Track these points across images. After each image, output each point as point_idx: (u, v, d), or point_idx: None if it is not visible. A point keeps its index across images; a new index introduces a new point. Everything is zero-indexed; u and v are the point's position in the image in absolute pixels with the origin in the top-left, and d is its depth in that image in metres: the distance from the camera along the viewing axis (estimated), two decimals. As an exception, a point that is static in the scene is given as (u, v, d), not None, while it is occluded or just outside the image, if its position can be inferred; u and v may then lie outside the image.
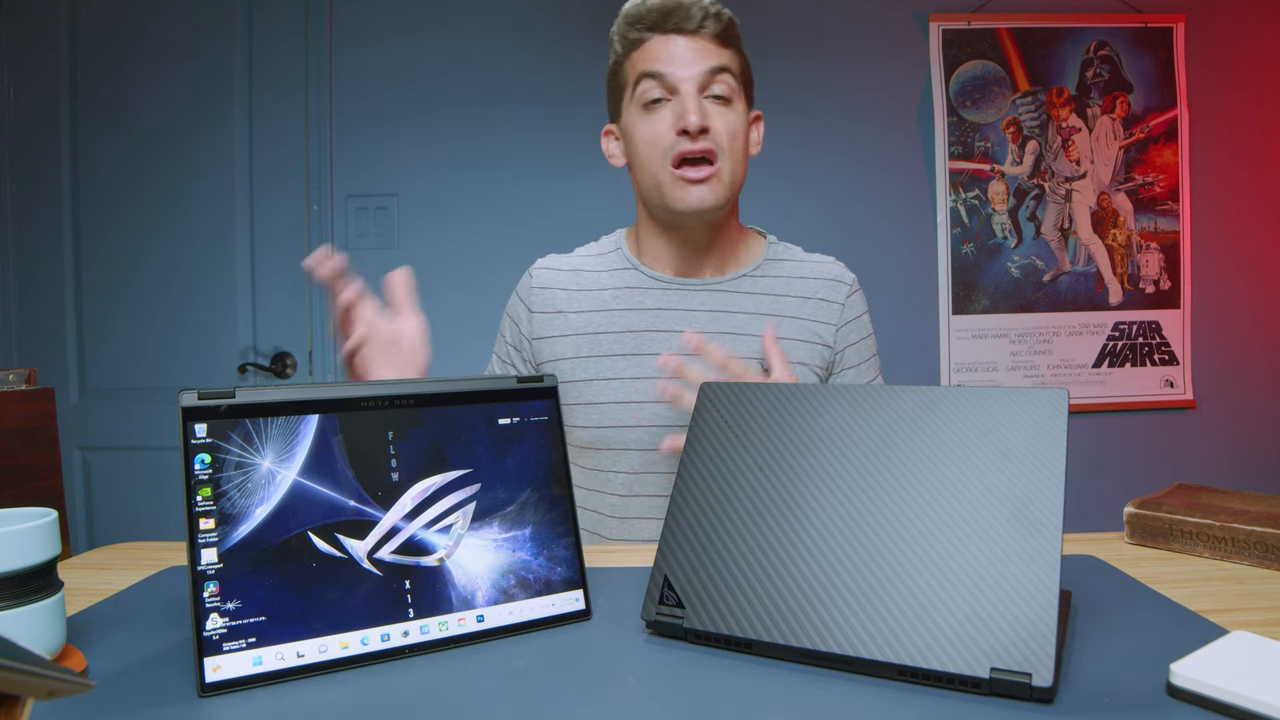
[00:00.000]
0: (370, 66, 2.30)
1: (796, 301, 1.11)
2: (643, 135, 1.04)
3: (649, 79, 1.02)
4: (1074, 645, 0.63)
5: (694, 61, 1.02)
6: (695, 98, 1.01)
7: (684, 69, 1.01)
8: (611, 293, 1.12)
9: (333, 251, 0.88)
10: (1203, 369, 2.34)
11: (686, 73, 1.01)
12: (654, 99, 1.03)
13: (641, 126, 1.04)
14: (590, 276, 1.15)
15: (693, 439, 0.73)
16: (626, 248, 1.17)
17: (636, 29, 1.04)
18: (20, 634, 0.56)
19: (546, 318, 1.12)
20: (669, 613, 0.66)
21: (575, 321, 1.11)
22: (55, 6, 2.29)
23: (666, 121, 1.02)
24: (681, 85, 1.01)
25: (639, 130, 1.05)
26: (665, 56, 1.02)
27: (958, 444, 0.63)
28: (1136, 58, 2.31)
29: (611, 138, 1.14)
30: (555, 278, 1.15)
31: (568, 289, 1.14)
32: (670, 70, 1.01)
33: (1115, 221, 2.32)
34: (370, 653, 0.63)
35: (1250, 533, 0.84)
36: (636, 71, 1.04)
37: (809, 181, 2.31)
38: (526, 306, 1.14)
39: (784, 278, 1.13)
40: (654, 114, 1.03)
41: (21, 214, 2.32)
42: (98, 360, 2.32)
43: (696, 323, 1.09)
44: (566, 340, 1.10)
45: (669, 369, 0.93)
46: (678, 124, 1.01)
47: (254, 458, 0.62)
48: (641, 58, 1.04)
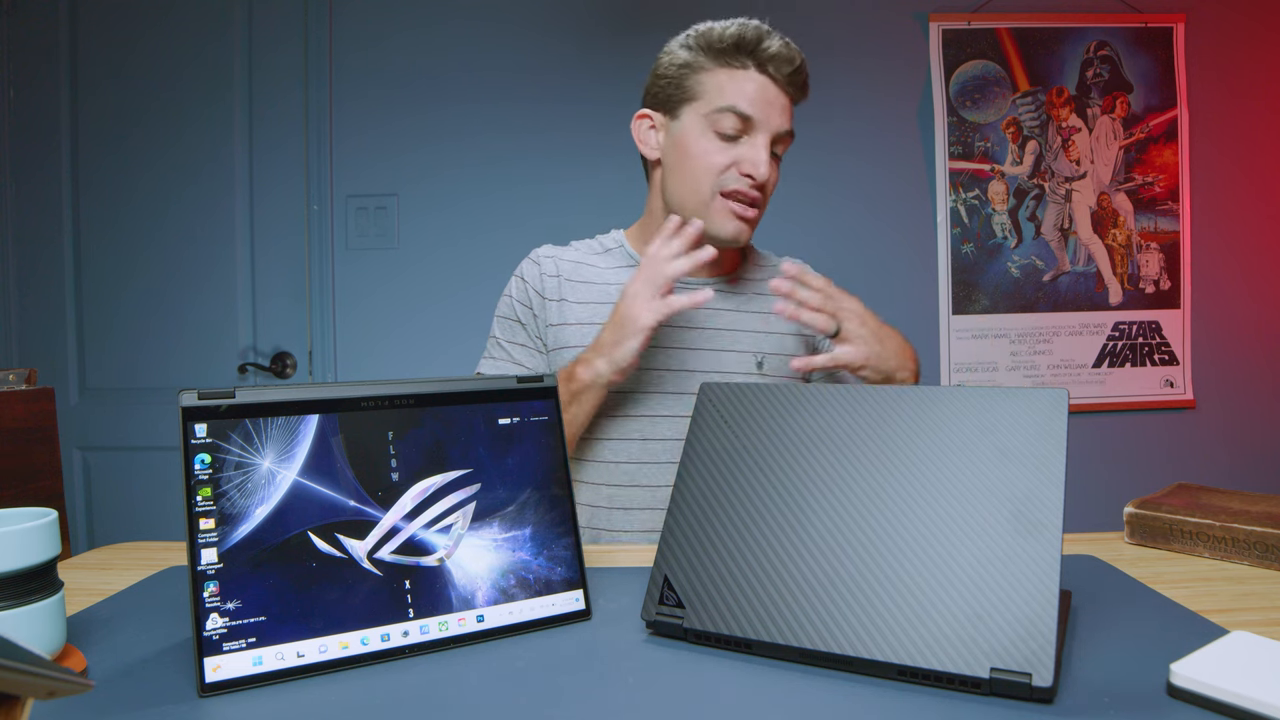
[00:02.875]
0: (370, 66, 2.30)
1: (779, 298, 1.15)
2: (707, 157, 1.06)
3: (735, 115, 1.04)
4: (1074, 645, 0.63)
5: (779, 117, 1.05)
6: (768, 149, 1.05)
7: (772, 120, 1.05)
8: (616, 288, 1.13)
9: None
10: (1203, 369, 2.34)
11: (771, 124, 1.05)
12: (731, 134, 1.05)
13: (707, 147, 1.06)
14: (593, 270, 1.16)
15: (693, 439, 0.73)
16: (629, 246, 1.19)
17: (741, 54, 1.04)
18: (20, 634, 0.56)
19: (554, 305, 1.14)
20: (669, 613, 0.66)
21: (579, 311, 1.12)
22: (55, 6, 2.29)
23: (733, 155, 1.05)
24: (760, 134, 1.05)
25: (703, 149, 1.06)
26: (761, 101, 1.04)
27: (958, 444, 0.63)
28: (1136, 58, 2.31)
29: (647, 124, 1.13)
30: (560, 267, 1.16)
31: (572, 280, 1.15)
32: (761, 117, 1.04)
33: (1115, 221, 2.32)
34: (370, 653, 0.63)
35: (1250, 533, 0.84)
36: (725, 98, 1.04)
37: (809, 181, 2.31)
38: (539, 292, 1.14)
39: (765, 279, 1.19)
40: (724, 144, 1.05)
41: (21, 214, 2.32)
42: (98, 360, 2.32)
43: (697, 318, 1.13)
44: (570, 329, 1.12)
45: (781, 291, 1.00)
46: (745, 167, 1.05)
47: (254, 458, 0.62)
48: (734, 88, 1.04)
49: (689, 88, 1.08)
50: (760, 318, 1.16)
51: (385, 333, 2.29)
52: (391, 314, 2.30)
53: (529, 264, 1.17)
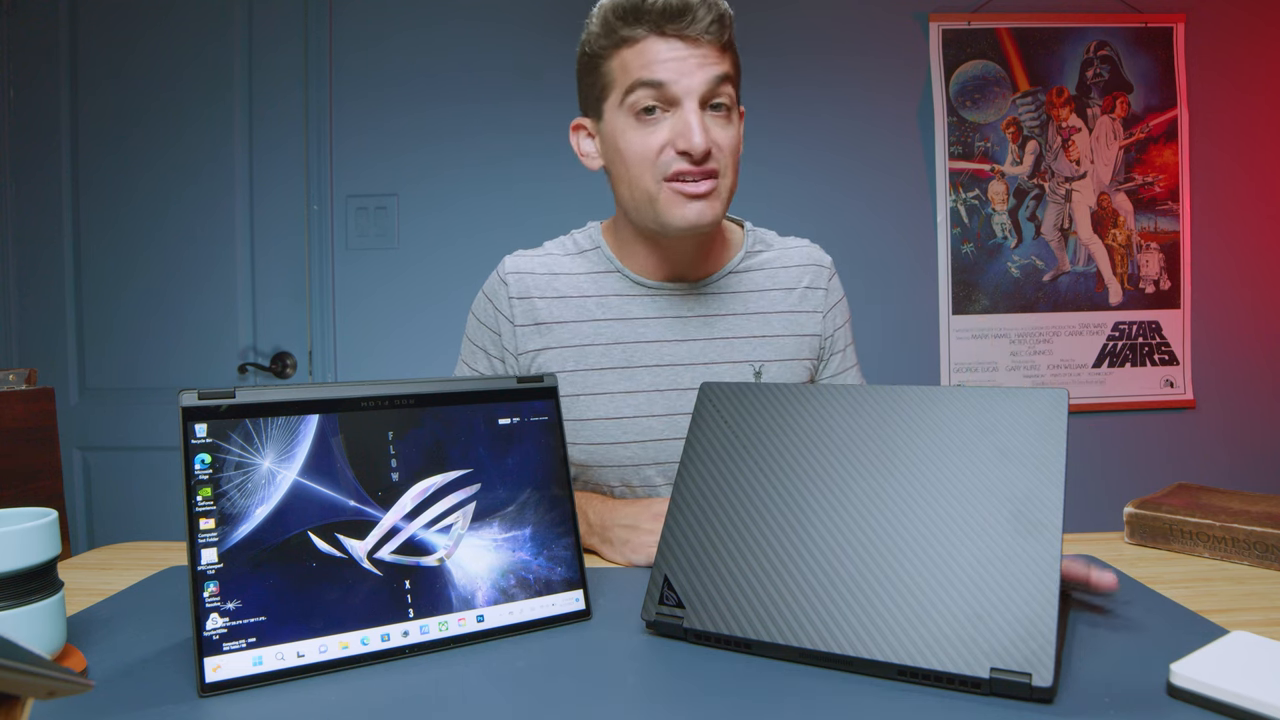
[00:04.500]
0: (370, 66, 2.30)
1: (782, 294, 1.08)
2: (633, 147, 0.94)
3: (645, 87, 0.92)
4: (1074, 645, 0.63)
5: (697, 70, 0.91)
6: (699, 114, 0.92)
7: (688, 79, 0.91)
8: (596, 301, 1.05)
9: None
10: (1203, 369, 2.34)
11: (690, 84, 0.91)
12: (649, 107, 0.93)
13: (632, 136, 0.94)
14: (569, 281, 1.06)
15: (693, 439, 0.73)
16: (606, 247, 1.08)
17: (630, 24, 0.92)
18: (20, 634, 0.56)
19: (528, 331, 1.04)
20: (669, 613, 0.66)
21: (559, 333, 1.04)
22: (55, 6, 2.29)
23: (662, 135, 0.93)
24: (685, 99, 0.92)
25: (628, 140, 0.95)
26: (665, 63, 0.91)
27: (958, 444, 0.63)
28: (1136, 58, 2.31)
29: (584, 134, 1.04)
30: (532, 283, 1.05)
31: (546, 297, 1.05)
32: (672, 80, 0.91)
33: (1115, 221, 2.32)
34: (370, 653, 0.63)
35: (1250, 533, 0.84)
36: (629, 76, 0.93)
37: (809, 181, 2.31)
38: (509, 319, 1.05)
39: (766, 270, 1.09)
40: (648, 125, 0.93)
41: (21, 214, 2.32)
42: (98, 360, 2.32)
43: (688, 330, 1.04)
44: (550, 353, 1.04)
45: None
46: (679, 144, 0.92)
47: (254, 458, 0.62)
48: (636, 59, 0.92)
49: (600, 81, 0.97)
50: (759, 320, 1.06)
51: (385, 333, 2.29)
52: (391, 314, 2.30)
53: (496, 283, 1.07)
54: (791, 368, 1.07)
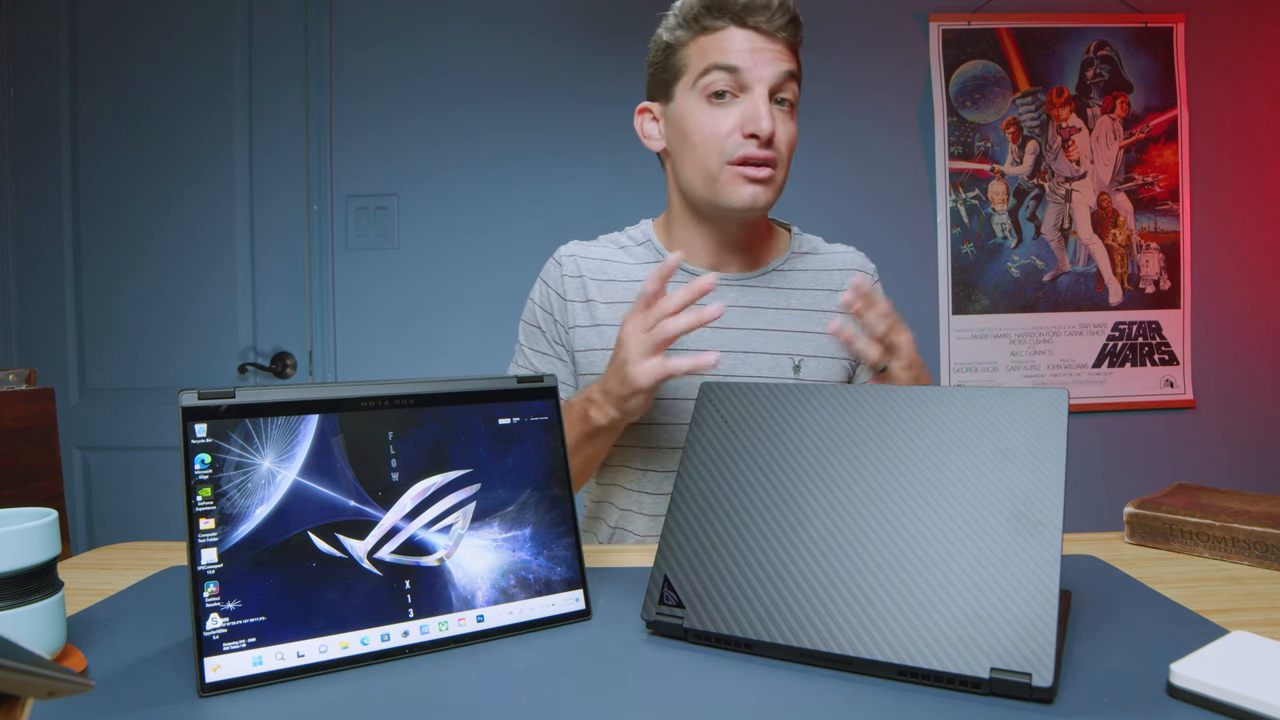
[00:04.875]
0: (370, 66, 2.30)
1: (824, 295, 1.11)
2: (703, 127, 1.00)
3: (720, 71, 0.98)
4: (1074, 645, 0.63)
5: (771, 63, 0.98)
6: (768, 102, 0.98)
7: (762, 69, 0.98)
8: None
9: None
10: (1203, 369, 2.34)
11: (763, 73, 0.98)
12: (720, 91, 0.99)
13: (702, 118, 1.00)
14: (619, 268, 1.11)
15: (693, 439, 0.73)
16: (657, 240, 1.14)
17: (713, 15, 0.99)
18: (20, 634, 0.56)
19: (578, 307, 1.09)
20: (669, 613, 0.66)
21: (605, 314, 1.08)
22: (55, 6, 2.29)
23: (732, 119, 0.99)
24: (755, 86, 0.98)
25: (698, 121, 1.01)
26: (742, 51, 0.98)
27: (958, 444, 0.63)
28: (1136, 58, 2.31)
29: (649, 117, 1.10)
30: (585, 266, 1.11)
31: (597, 279, 1.10)
32: (747, 67, 0.98)
33: (1115, 221, 2.32)
34: (370, 653, 0.63)
35: (1250, 533, 0.84)
36: (706, 60, 0.99)
37: (809, 181, 2.30)
38: (560, 294, 1.10)
39: (810, 271, 1.13)
40: (719, 108, 0.99)
41: (21, 214, 2.32)
42: (98, 360, 2.32)
43: (730, 318, 1.07)
44: (594, 330, 1.08)
45: (851, 308, 0.93)
46: (747, 127, 0.98)
47: (254, 458, 0.62)
48: (714, 46, 0.99)
49: (675, 66, 1.04)
50: (801, 315, 1.09)
51: (385, 333, 2.29)
52: (391, 314, 2.30)
53: (551, 265, 1.13)
54: (830, 365, 1.08)
